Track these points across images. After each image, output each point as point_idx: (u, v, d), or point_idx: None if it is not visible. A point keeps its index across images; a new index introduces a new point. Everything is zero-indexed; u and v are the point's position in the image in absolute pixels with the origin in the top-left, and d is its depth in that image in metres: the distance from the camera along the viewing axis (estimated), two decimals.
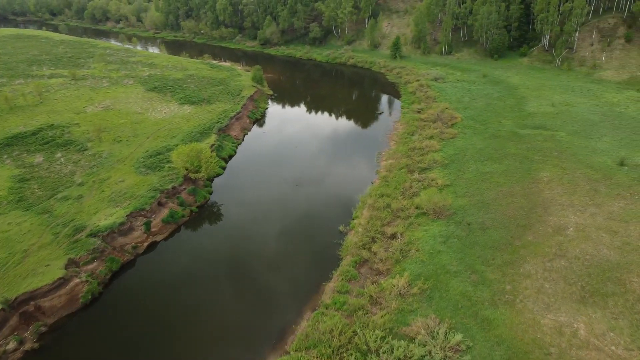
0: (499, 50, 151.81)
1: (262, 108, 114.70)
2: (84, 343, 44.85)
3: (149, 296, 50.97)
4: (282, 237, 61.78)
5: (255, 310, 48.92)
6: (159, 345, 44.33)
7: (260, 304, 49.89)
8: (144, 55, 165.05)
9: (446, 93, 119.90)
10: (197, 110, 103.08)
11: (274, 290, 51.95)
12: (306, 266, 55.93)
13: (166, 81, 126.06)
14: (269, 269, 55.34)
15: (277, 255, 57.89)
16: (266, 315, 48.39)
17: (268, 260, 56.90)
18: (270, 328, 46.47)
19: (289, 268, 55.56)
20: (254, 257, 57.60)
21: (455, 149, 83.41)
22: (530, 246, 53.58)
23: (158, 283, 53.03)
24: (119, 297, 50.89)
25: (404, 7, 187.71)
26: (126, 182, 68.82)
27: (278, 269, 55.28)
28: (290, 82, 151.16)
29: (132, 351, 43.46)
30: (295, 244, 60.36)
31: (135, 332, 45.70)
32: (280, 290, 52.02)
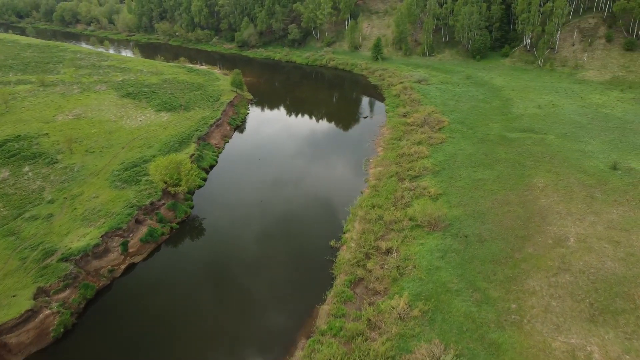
0: (481, 51, 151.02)
1: (242, 114, 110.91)
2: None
3: (128, 325, 47.01)
4: (270, 254, 58.38)
5: (245, 340, 45.43)
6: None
7: (249, 332, 46.42)
8: (117, 59, 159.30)
9: (431, 96, 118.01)
10: (175, 118, 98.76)
11: (264, 316, 48.54)
12: (297, 287, 52.68)
13: (141, 86, 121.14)
14: (257, 291, 51.91)
15: (265, 276, 54.48)
16: (257, 344, 44.97)
17: (256, 282, 53.45)
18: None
19: (279, 290, 52.22)
20: (241, 279, 54.08)
21: (445, 155, 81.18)
22: (531, 259, 51.37)
23: (137, 310, 49.08)
24: (94, 328, 46.78)
25: (384, 7, 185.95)
26: (100, 198, 64.45)
27: (268, 292, 51.90)
28: (270, 85, 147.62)
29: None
30: (285, 262, 57.02)
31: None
32: (271, 315, 48.65)
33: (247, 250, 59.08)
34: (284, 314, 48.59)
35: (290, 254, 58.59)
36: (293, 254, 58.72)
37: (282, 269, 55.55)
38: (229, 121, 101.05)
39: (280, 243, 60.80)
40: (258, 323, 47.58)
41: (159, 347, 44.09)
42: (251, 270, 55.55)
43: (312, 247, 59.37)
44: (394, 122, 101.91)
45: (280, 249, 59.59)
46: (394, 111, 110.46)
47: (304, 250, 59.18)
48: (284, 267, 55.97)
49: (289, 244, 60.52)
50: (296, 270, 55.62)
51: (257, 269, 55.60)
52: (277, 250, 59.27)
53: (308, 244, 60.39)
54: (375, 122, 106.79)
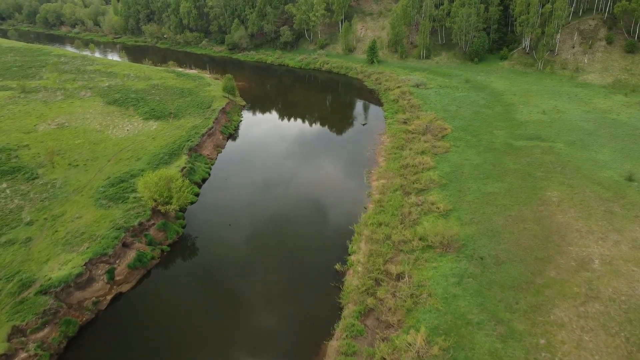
0: (479, 54, 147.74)
1: (235, 121, 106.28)
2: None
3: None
4: (270, 281, 53.96)
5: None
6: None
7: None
8: (102, 63, 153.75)
9: (430, 101, 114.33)
10: (164, 127, 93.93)
11: (267, 356, 44.07)
12: (302, 320, 48.34)
13: (128, 93, 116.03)
14: (258, 326, 47.47)
15: (266, 308, 50.05)
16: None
17: (256, 315, 49.02)
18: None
19: (283, 324, 47.84)
20: (238, 310, 49.60)
21: (451, 166, 77.35)
22: (555, 285, 47.56)
23: (125, 347, 44.40)
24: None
25: (378, 9, 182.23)
26: (84, 219, 59.59)
27: (269, 326, 47.48)
28: (263, 90, 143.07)
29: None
30: (287, 291, 52.66)
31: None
32: (275, 354, 44.20)
33: (244, 277, 54.62)
34: (289, 352, 44.17)
35: (292, 280, 54.23)
36: (295, 280, 54.36)
37: (284, 299, 51.17)
38: (222, 130, 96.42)
39: (281, 267, 56.40)
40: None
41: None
42: (250, 300, 51.13)
43: (316, 272, 55.06)
44: (394, 129, 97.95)
45: (281, 274, 55.19)
46: (394, 117, 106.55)
47: (307, 276, 54.85)
48: (286, 297, 51.59)
49: (291, 269, 56.12)
50: (299, 299, 51.28)
51: (257, 299, 51.19)
52: (278, 276, 54.87)
53: (311, 268, 56.05)
54: (375, 129, 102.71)
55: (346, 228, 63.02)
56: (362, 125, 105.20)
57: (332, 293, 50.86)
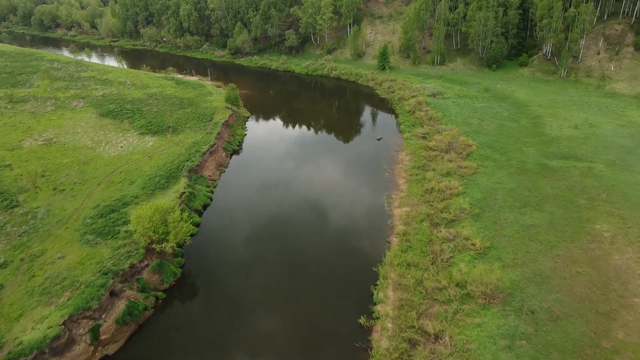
0: (497, 60, 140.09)
1: (239, 135, 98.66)
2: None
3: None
4: (282, 341, 46.18)
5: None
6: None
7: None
8: (97, 69, 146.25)
9: (450, 112, 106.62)
10: (162, 143, 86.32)
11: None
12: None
13: (123, 103, 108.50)
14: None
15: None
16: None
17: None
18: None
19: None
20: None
21: (482, 191, 69.59)
22: (626, 350, 39.91)
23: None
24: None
25: (388, 12, 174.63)
26: (67, 259, 51.93)
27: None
28: (267, 99, 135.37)
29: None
30: (302, 350, 44.79)
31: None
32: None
33: (249, 332, 46.87)
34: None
35: (308, 339, 46.43)
36: (312, 338, 46.59)
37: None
38: (225, 146, 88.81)
39: (294, 320, 48.68)
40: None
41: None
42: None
43: (336, 327, 47.31)
44: (413, 145, 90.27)
45: (295, 330, 47.44)
46: (411, 131, 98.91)
47: (326, 332, 47.07)
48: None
49: (306, 322, 48.38)
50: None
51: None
52: (292, 332, 47.11)
53: (330, 321, 48.31)
54: (391, 144, 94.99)
55: (368, 268, 55.30)
56: (377, 140, 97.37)
57: (359, 356, 43.05)
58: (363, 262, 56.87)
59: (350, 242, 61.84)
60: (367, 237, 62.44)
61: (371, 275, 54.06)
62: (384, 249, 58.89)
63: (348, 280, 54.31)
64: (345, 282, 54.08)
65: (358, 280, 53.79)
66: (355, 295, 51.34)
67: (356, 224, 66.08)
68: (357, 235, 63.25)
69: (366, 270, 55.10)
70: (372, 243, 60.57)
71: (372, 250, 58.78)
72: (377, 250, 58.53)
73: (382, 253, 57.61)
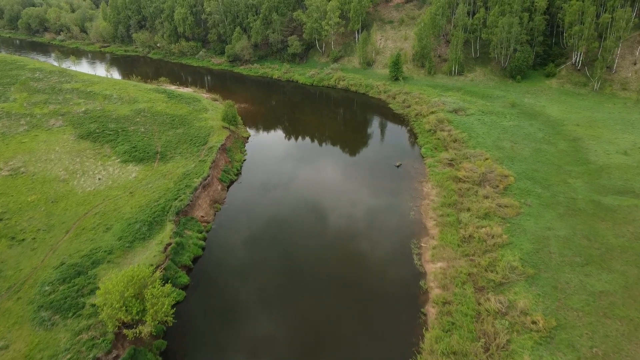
0: (522, 70, 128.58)
1: (238, 161, 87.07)
2: None
3: None
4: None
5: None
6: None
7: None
8: (82, 80, 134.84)
9: (476, 133, 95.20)
10: (147, 174, 74.82)
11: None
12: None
13: (107, 122, 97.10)
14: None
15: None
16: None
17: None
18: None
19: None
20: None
21: (530, 240, 58.07)
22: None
23: None
24: None
25: (399, 16, 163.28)
26: (11, 350, 40.24)
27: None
28: (269, 113, 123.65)
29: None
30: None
31: None
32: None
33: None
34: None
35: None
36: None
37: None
38: (221, 176, 77.21)
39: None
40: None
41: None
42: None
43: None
44: (439, 175, 78.77)
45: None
46: (434, 156, 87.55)
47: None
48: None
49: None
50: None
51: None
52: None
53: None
54: (412, 172, 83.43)
55: (403, 354, 43.58)
56: (396, 167, 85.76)
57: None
58: (393, 342, 45.15)
59: (376, 312, 50.09)
60: (395, 304, 50.77)
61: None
62: (419, 324, 47.21)
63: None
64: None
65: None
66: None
67: (381, 285, 54.25)
68: (383, 302, 51.48)
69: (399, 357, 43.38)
70: (404, 315, 48.88)
71: (404, 326, 47.07)
72: (411, 327, 46.86)
73: (418, 332, 45.90)
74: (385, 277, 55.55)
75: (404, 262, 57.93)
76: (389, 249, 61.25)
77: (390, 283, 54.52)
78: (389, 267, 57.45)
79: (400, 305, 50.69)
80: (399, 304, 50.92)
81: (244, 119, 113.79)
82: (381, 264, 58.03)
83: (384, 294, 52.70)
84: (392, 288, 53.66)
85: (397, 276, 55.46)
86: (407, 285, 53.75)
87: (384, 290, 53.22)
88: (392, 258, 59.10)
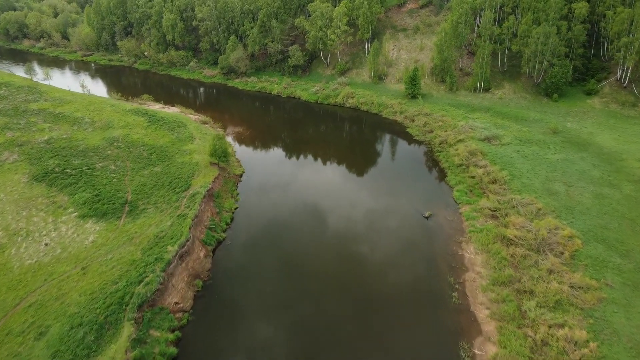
0: (559, 87, 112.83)
1: (227, 211, 71.23)
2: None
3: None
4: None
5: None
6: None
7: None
8: (53, 98, 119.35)
9: (518, 170, 79.63)
10: (109, 235, 59.10)
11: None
12: None
13: (71, 156, 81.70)
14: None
15: None
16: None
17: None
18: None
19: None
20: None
21: (626, 348, 42.09)
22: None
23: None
24: None
25: (413, 23, 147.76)
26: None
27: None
28: (266, 139, 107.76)
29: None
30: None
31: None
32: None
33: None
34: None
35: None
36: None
37: None
38: (205, 237, 61.40)
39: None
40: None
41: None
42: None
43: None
44: (482, 234, 63.10)
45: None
46: (471, 202, 72.15)
47: None
48: None
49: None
50: None
51: None
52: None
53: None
54: (446, 227, 67.64)
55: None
56: (424, 217, 69.93)
57: None
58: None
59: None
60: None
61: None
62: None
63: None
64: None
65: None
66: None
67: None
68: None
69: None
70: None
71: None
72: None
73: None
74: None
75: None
76: (426, 347, 45.29)
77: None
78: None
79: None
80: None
81: (238, 147, 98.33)
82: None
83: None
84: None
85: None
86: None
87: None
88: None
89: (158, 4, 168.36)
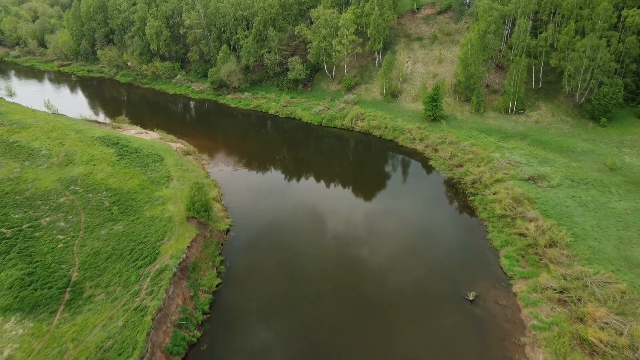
0: (608, 110, 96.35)
1: (206, 292, 54.57)
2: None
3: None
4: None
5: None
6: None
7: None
8: (11, 121, 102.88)
9: (580, 226, 63.35)
10: (33, 344, 42.88)
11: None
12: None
13: (12, 206, 65.61)
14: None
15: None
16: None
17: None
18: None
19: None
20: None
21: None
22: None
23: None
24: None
25: (430, 31, 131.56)
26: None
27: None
28: (261, 174, 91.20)
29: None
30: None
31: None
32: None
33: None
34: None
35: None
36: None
37: None
38: (169, 345, 44.67)
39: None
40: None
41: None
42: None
43: None
44: (552, 337, 46.49)
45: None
46: (526, 276, 56.02)
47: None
48: None
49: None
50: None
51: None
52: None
53: None
54: (499, 314, 51.28)
55: None
56: (468, 300, 53.32)
57: None
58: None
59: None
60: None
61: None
62: None
63: None
64: None
65: None
66: None
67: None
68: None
69: None
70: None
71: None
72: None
73: None
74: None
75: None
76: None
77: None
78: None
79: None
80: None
81: (226, 187, 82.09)
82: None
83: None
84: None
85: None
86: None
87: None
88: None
89: (141, 9, 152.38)
